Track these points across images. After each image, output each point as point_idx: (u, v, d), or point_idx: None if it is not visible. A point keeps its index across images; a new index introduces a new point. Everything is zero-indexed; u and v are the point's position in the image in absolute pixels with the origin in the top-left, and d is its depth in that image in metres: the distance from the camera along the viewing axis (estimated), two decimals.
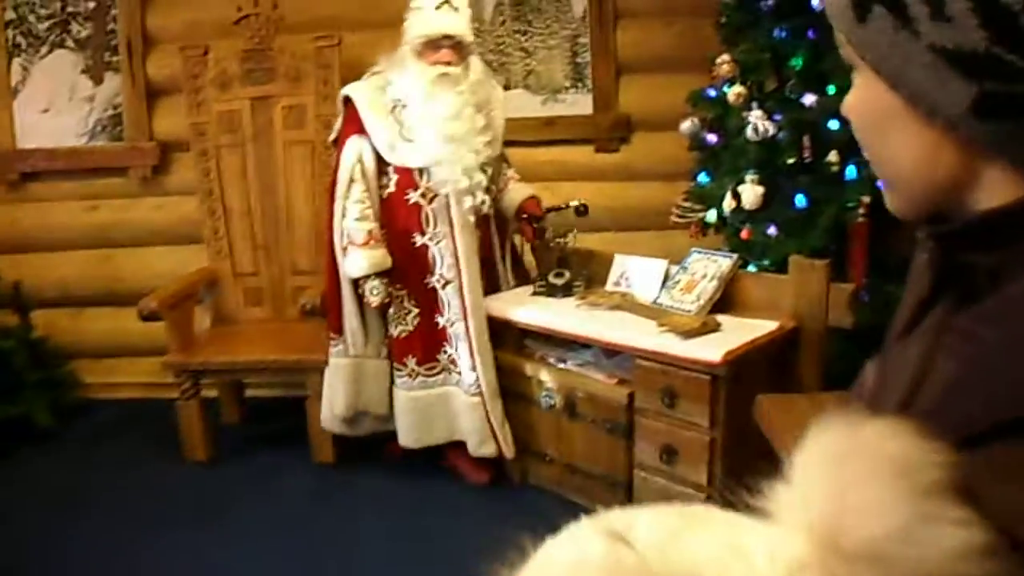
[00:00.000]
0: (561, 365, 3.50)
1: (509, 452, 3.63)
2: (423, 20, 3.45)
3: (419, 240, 3.60)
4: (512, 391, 3.62)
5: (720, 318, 3.22)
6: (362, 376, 3.77)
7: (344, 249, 3.61)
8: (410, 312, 3.67)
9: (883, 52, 0.72)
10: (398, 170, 3.57)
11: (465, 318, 3.57)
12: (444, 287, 3.60)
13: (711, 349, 2.96)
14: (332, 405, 3.79)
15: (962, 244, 0.76)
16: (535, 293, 3.73)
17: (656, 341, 3.09)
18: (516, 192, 3.84)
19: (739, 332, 3.11)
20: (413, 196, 3.56)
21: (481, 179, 3.50)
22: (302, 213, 4.31)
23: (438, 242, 3.58)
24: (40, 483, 3.96)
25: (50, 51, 4.65)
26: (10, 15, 4.62)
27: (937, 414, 0.69)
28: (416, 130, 3.50)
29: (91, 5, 4.60)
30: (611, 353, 3.40)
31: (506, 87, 4.46)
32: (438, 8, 3.43)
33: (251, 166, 4.33)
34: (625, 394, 3.22)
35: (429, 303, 3.65)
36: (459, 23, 3.48)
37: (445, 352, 3.67)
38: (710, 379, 2.96)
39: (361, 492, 3.78)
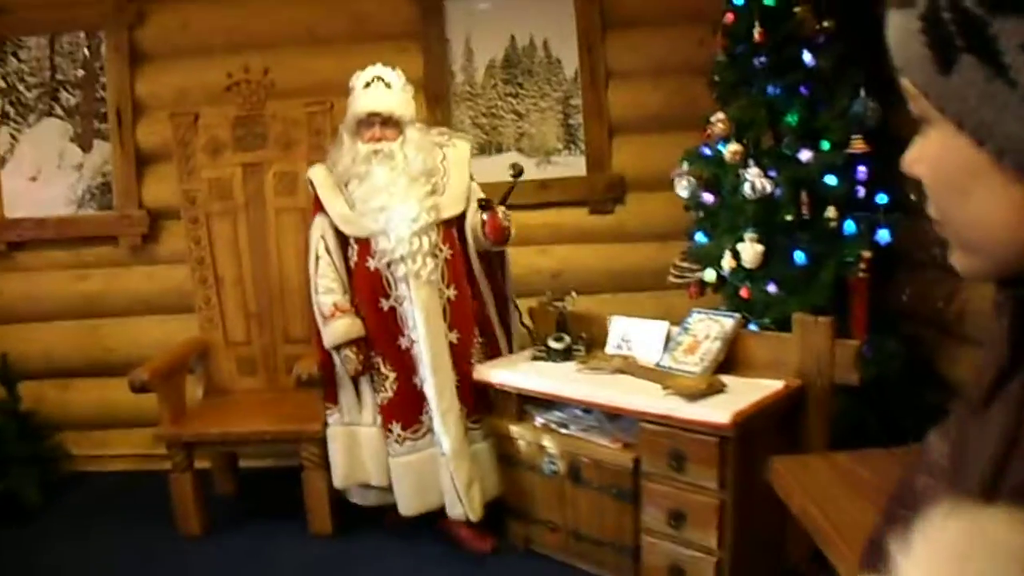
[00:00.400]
0: (564, 431, 3.44)
1: (474, 516, 3.59)
2: (354, 100, 3.60)
3: (385, 304, 3.63)
4: (514, 458, 3.56)
5: (724, 378, 3.17)
6: (356, 444, 3.75)
7: (320, 322, 3.70)
8: (388, 377, 3.67)
9: (971, 105, 0.66)
10: (357, 240, 3.66)
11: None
12: (413, 347, 3.61)
13: (718, 411, 2.91)
14: (333, 474, 3.78)
15: None
16: (535, 358, 3.68)
17: (662, 404, 3.04)
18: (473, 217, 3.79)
19: (745, 392, 3.07)
20: (372, 263, 3.63)
21: (419, 245, 3.53)
22: (294, 280, 4.25)
23: (402, 304, 3.61)
24: (29, 561, 3.84)
25: (39, 119, 4.64)
26: None
27: None
28: (357, 204, 3.61)
29: (80, 73, 4.60)
30: (614, 417, 3.35)
31: (499, 150, 4.48)
32: (366, 87, 3.59)
33: (243, 233, 4.29)
34: (631, 458, 3.17)
35: (405, 365, 3.65)
36: (387, 100, 3.57)
37: (426, 411, 3.64)
38: (718, 441, 2.91)
39: (360, 563, 3.70)
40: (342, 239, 3.70)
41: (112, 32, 4.56)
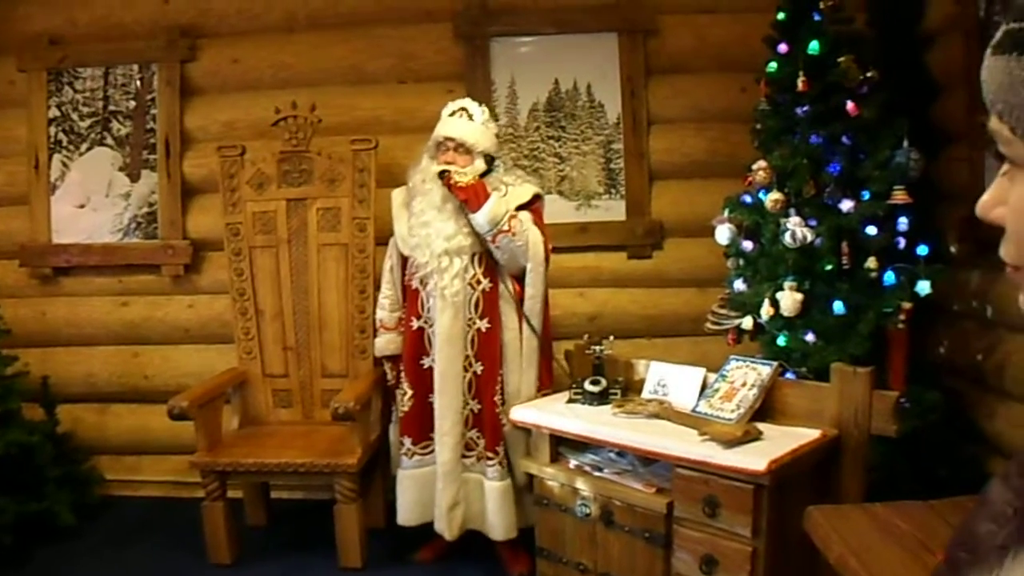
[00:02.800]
0: (597, 473, 3.42)
1: (449, 536, 3.74)
2: (438, 125, 3.80)
3: (415, 324, 3.83)
4: (547, 499, 3.55)
5: (761, 426, 3.16)
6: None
7: None
8: (406, 394, 3.85)
9: None
10: (410, 259, 3.83)
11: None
12: (433, 367, 3.77)
13: (754, 458, 2.89)
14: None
15: None
16: (570, 400, 3.68)
17: (698, 450, 3.02)
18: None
19: (781, 441, 3.05)
20: (414, 282, 3.81)
21: (449, 263, 3.67)
22: (334, 316, 4.30)
23: (431, 325, 3.76)
24: None
25: (90, 148, 4.74)
26: (54, 112, 4.72)
27: None
28: (412, 220, 3.79)
29: (132, 104, 4.70)
30: (648, 461, 3.34)
31: None
32: (451, 115, 3.80)
33: (284, 267, 4.33)
34: (664, 503, 3.15)
35: (423, 384, 3.81)
36: (463, 128, 3.75)
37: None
38: (753, 488, 2.88)
39: None
40: (404, 260, 3.91)
41: (164, 65, 4.67)
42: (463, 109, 3.78)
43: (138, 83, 4.70)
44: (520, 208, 3.72)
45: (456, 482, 3.73)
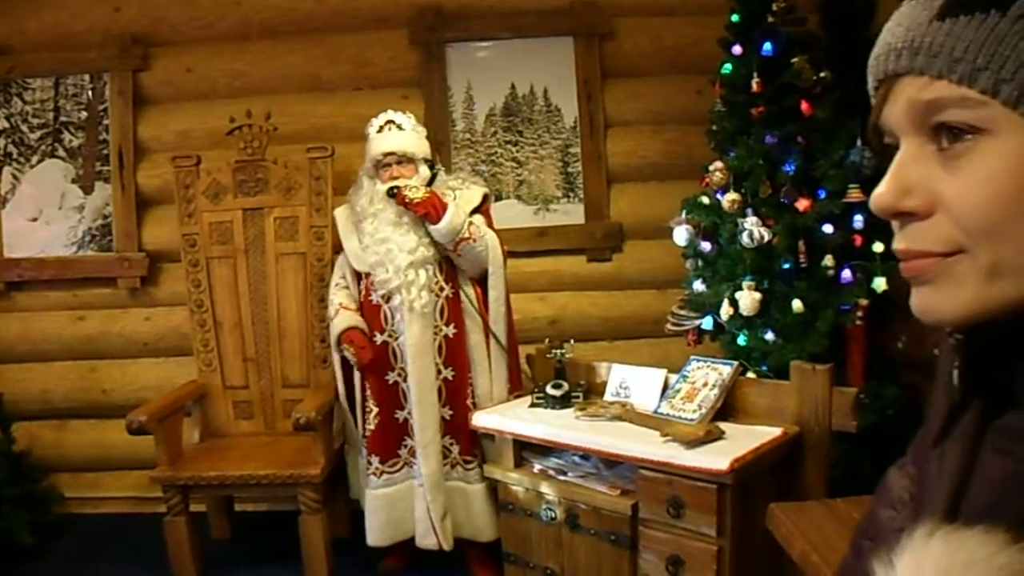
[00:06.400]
0: (562, 477, 3.42)
1: (447, 546, 3.68)
2: (369, 145, 3.77)
3: (379, 338, 3.75)
4: (511, 504, 3.55)
5: (723, 425, 3.17)
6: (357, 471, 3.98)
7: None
8: (372, 411, 3.77)
9: None
10: (366, 276, 3.78)
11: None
12: (405, 380, 3.70)
13: (716, 458, 2.91)
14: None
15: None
16: (533, 405, 3.68)
17: (661, 451, 3.03)
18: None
19: (743, 439, 3.06)
20: (374, 297, 3.75)
21: (415, 277, 3.63)
22: (293, 325, 4.27)
23: (397, 338, 3.70)
24: None
25: (41, 160, 4.67)
26: (3, 124, 4.65)
27: (993, 509, 0.66)
28: (366, 238, 3.73)
29: (83, 115, 4.64)
30: (612, 463, 3.35)
31: (498, 197, 4.50)
32: (379, 131, 3.76)
33: (242, 278, 4.29)
34: (629, 505, 3.15)
35: (388, 399, 3.75)
36: (399, 140, 3.73)
37: (405, 445, 3.75)
38: (717, 488, 2.90)
39: None
40: (357, 275, 3.84)
41: (116, 75, 4.61)
42: (390, 122, 3.75)
43: (90, 93, 4.64)
44: (472, 212, 3.72)
45: (443, 491, 3.68)
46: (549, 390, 3.65)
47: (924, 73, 0.69)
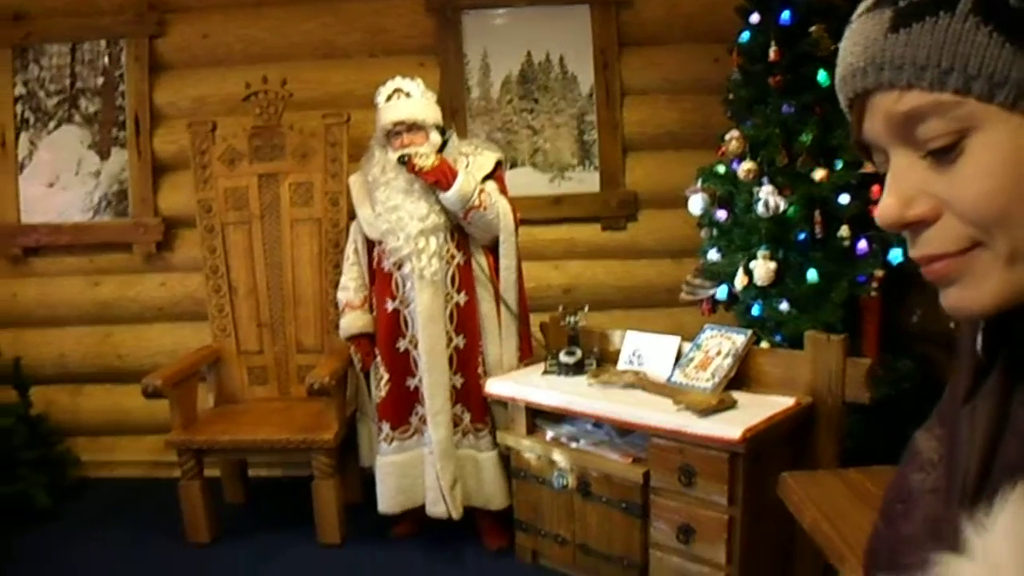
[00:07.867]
0: (574, 445, 3.44)
1: (456, 515, 3.68)
2: (379, 115, 3.72)
3: (390, 306, 3.76)
4: (523, 471, 3.56)
5: (735, 395, 3.17)
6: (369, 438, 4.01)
7: None
8: (383, 378, 3.78)
9: None
10: (378, 243, 3.77)
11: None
12: (416, 347, 3.70)
13: (729, 427, 2.91)
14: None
15: None
16: (546, 372, 3.68)
17: (673, 419, 3.03)
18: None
19: (756, 409, 3.07)
20: (386, 264, 3.75)
21: (425, 244, 3.62)
22: (308, 291, 4.28)
23: (408, 305, 3.71)
24: (37, 565, 3.84)
25: (58, 126, 4.67)
26: (20, 90, 4.65)
27: None
28: (378, 206, 3.71)
29: (100, 81, 4.64)
30: (624, 432, 3.36)
31: (513, 165, 4.48)
32: (388, 100, 3.71)
33: (257, 243, 4.31)
34: (640, 473, 3.17)
35: (400, 367, 3.75)
36: (408, 107, 3.68)
37: (416, 413, 3.76)
38: (728, 457, 2.91)
39: (368, 574, 3.69)
40: (370, 243, 3.83)
41: (133, 41, 4.60)
42: (398, 90, 3.71)
43: (106, 59, 4.64)
44: (485, 178, 3.71)
45: (453, 459, 3.68)
46: (562, 357, 3.66)
47: (894, 86, 0.69)
